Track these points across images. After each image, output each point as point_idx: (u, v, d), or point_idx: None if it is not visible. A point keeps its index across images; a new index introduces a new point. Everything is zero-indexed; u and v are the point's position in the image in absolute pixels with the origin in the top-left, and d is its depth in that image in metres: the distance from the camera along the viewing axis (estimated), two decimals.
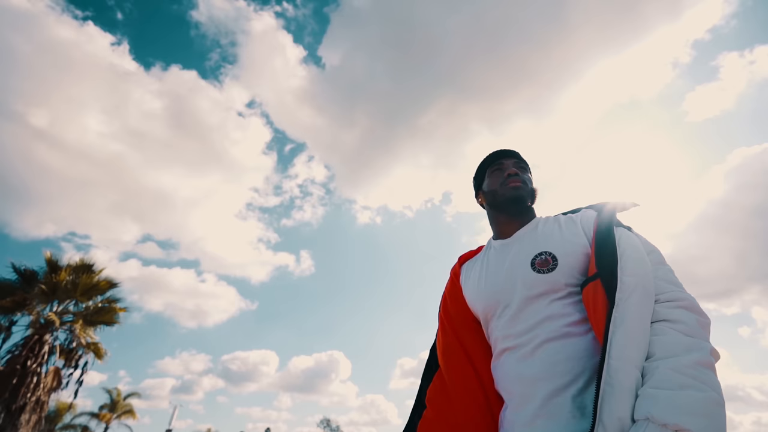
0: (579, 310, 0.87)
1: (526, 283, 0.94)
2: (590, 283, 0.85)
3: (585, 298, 0.85)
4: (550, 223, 1.07)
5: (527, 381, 0.84)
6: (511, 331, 0.93)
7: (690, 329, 0.75)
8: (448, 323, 1.12)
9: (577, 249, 0.94)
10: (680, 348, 0.71)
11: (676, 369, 0.67)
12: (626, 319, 0.74)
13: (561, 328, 0.85)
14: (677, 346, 0.72)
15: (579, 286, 0.90)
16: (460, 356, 1.05)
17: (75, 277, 10.63)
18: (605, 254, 0.86)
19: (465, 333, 1.08)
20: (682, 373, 0.66)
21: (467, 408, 0.96)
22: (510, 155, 1.19)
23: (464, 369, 1.02)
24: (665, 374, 0.67)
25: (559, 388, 0.79)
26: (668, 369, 0.67)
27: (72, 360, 10.42)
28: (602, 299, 0.80)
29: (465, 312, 1.10)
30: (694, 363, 0.68)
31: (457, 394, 0.99)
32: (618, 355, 0.70)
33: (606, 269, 0.83)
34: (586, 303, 0.84)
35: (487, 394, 0.98)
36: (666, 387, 0.65)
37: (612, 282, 0.80)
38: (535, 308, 0.91)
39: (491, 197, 1.16)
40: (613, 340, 0.72)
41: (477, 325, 1.08)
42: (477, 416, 0.95)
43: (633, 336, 0.73)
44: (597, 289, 0.82)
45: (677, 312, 0.78)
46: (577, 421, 0.75)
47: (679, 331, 0.75)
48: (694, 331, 0.75)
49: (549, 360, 0.83)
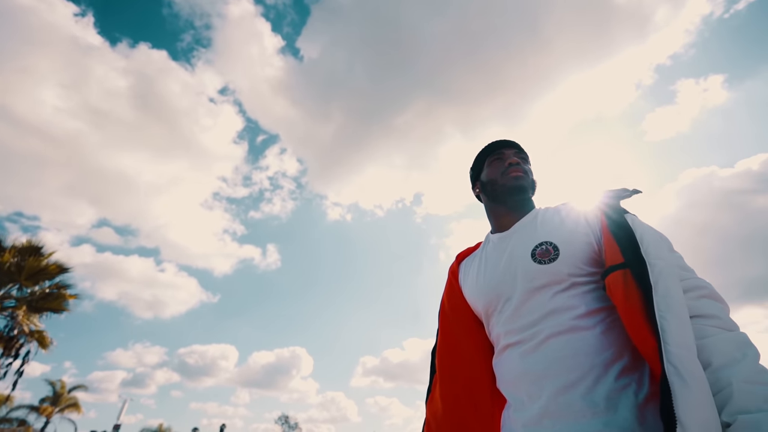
0: (585, 303, 0.82)
1: (526, 275, 0.89)
2: (616, 272, 0.78)
3: (611, 288, 0.79)
4: (549, 212, 1.02)
5: (532, 378, 0.79)
6: (514, 326, 0.88)
7: (725, 323, 0.73)
8: (446, 325, 1.07)
9: (580, 237, 0.89)
10: (732, 348, 0.67)
11: (750, 379, 0.63)
12: (671, 304, 0.69)
13: (567, 322, 0.80)
14: (728, 346, 0.68)
15: (587, 275, 0.85)
16: (454, 359, 0.99)
17: (20, 259, 9.89)
18: (625, 241, 0.81)
19: (463, 333, 1.02)
20: (757, 383, 0.62)
21: (460, 413, 0.91)
22: (510, 145, 1.15)
23: (457, 370, 0.97)
24: (744, 391, 0.62)
25: (567, 386, 0.74)
26: (742, 383, 0.62)
27: (12, 348, 9.69)
28: (634, 287, 0.74)
29: (464, 311, 1.05)
30: (757, 365, 0.65)
31: (450, 399, 0.94)
32: (676, 342, 0.64)
33: (631, 255, 0.78)
34: (614, 293, 0.78)
35: (486, 395, 0.93)
36: (757, 409, 0.59)
37: (641, 268, 0.75)
38: (537, 301, 0.85)
39: (491, 187, 1.11)
40: (666, 326, 0.66)
41: (478, 325, 1.02)
42: (470, 420, 0.91)
43: (684, 320, 0.68)
44: (627, 277, 0.76)
45: (704, 303, 0.76)
46: (588, 420, 0.70)
47: (719, 327, 0.72)
48: (729, 323, 0.73)
49: (555, 356, 0.78)
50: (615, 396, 0.70)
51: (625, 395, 0.70)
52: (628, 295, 0.74)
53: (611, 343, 0.76)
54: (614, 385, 0.71)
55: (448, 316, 1.07)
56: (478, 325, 1.02)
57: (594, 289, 0.84)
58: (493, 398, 0.92)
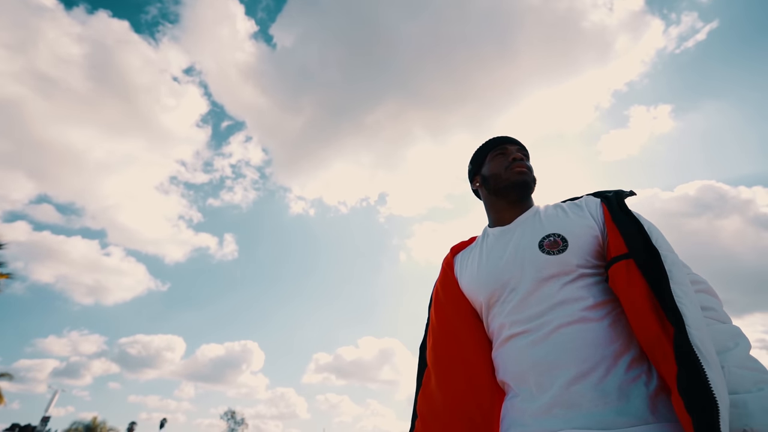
0: (593, 294, 0.83)
1: (535, 265, 0.89)
2: (620, 262, 0.82)
3: (614, 278, 0.82)
4: (551, 209, 1.04)
5: (542, 368, 0.79)
6: (520, 316, 0.87)
7: (720, 315, 0.81)
8: (441, 316, 1.05)
9: (587, 231, 0.91)
10: (726, 338, 0.76)
11: (741, 365, 0.71)
12: (687, 292, 0.73)
13: (576, 313, 0.81)
14: (723, 336, 0.76)
15: (594, 267, 0.87)
16: (452, 349, 0.98)
17: None
18: (632, 232, 0.84)
19: (462, 325, 1.00)
20: (746, 368, 0.70)
21: (457, 409, 0.90)
22: (513, 142, 1.17)
23: (456, 365, 0.95)
24: (736, 374, 0.70)
25: (579, 376, 0.75)
26: (734, 368, 0.70)
27: None
28: (638, 277, 0.77)
29: (461, 303, 1.04)
30: (747, 354, 0.73)
31: (446, 394, 0.92)
32: (696, 326, 0.68)
33: (638, 246, 0.81)
34: (617, 283, 0.81)
35: (486, 387, 0.92)
36: (744, 389, 0.68)
37: (648, 259, 0.78)
38: (546, 292, 0.86)
39: (493, 181, 1.12)
40: (686, 311, 0.69)
41: (475, 317, 1.02)
42: (473, 412, 0.89)
43: (698, 307, 0.73)
44: (630, 267, 0.79)
45: (703, 297, 0.83)
46: (600, 409, 0.70)
47: (715, 318, 0.80)
48: (724, 316, 0.81)
49: (566, 346, 0.78)
50: (626, 387, 0.72)
51: (636, 386, 0.72)
52: (631, 284, 0.78)
53: (618, 335, 0.78)
54: (625, 376, 0.73)
55: (445, 307, 1.06)
56: (476, 317, 1.02)
57: (600, 281, 0.86)
58: (492, 390, 0.92)
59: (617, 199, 0.96)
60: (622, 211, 0.91)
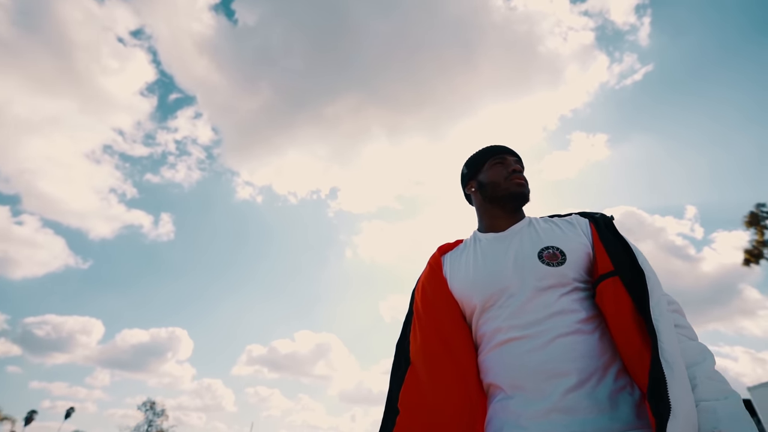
0: (585, 308, 0.90)
1: (536, 274, 0.94)
2: (607, 279, 0.89)
3: (601, 294, 0.89)
4: (543, 222, 1.10)
5: (544, 374, 0.84)
6: (518, 321, 0.91)
7: (690, 333, 0.89)
8: (429, 315, 1.05)
9: (581, 247, 0.99)
10: (696, 353, 0.83)
11: (709, 377, 0.78)
12: (663, 311, 0.81)
13: (572, 324, 0.87)
14: (693, 351, 0.83)
15: (585, 282, 0.94)
16: (441, 350, 0.98)
17: None
18: (618, 251, 0.93)
19: (450, 324, 1.02)
20: (714, 379, 0.78)
21: (451, 405, 0.91)
22: (513, 153, 1.21)
23: (447, 362, 0.96)
24: (705, 384, 0.77)
25: (576, 385, 0.80)
26: (704, 378, 0.78)
27: None
28: (624, 294, 0.86)
29: (451, 302, 1.05)
30: (713, 368, 0.81)
31: (439, 390, 0.93)
32: (668, 340, 0.76)
33: (624, 265, 0.90)
34: (604, 299, 0.88)
35: (473, 388, 0.94)
36: (713, 398, 0.75)
37: (634, 277, 0.87)
38: (544, 300, 0.91)
39: (492, 189, 1.16)
40: (660, 327, 0.78)
41: (461, 318, 1.04)
42: (463, 411, 0.91)
43: (672, 325, 0.81)
44: (617, 284, 0.88)
45: (676, 316, 0.91)
46: (594, 416, 0.77)
47: (686, 336, 0.87)
48: (693, 334, 0.90)
49: (567, 356, 0.84)
50: (615, 395, 0.80)
51: (622, 395, 0.80)
52: (618, 301, 0.86)
53: (606, 348, 0.85)
54: (614, 385, 0.81)
55: (436, 305, 1.06)
56: (463, 318, 1.04)
57: (589, 296, 0.93)
58: (477, 390, 0.95)
59: (603, 220, 1.05)
60: (609, 231, 1.00)
